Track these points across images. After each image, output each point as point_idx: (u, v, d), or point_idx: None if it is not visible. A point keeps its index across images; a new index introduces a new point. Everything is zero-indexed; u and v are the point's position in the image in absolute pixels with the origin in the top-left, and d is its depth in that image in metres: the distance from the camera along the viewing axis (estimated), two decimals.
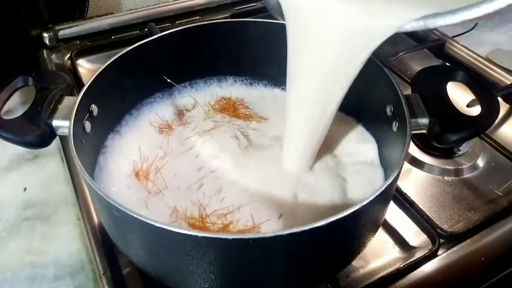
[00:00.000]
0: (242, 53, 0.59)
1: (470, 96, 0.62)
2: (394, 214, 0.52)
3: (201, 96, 0.60)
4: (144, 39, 0.53)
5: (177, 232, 0.33)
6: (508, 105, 0.69)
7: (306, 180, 0.49)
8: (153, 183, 0.48)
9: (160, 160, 0.51)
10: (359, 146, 0.53)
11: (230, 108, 0.58)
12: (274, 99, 0.60)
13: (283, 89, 0.61)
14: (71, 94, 0.48)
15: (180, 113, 0.58)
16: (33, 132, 0.44)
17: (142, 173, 0.49)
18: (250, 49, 0.59)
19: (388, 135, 0.50)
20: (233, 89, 0.61)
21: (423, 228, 0.50)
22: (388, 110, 0.49)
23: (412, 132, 0.43)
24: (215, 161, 0.51)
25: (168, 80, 0.58)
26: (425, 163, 0.59)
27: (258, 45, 0.58)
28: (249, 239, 0.33)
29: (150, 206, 0.46)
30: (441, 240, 0.49)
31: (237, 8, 0.89)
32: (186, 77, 0.60)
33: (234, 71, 0.61)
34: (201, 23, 0.58)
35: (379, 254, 0.49)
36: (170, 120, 0.56)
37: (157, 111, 0.57)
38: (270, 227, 0.44)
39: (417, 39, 0.83)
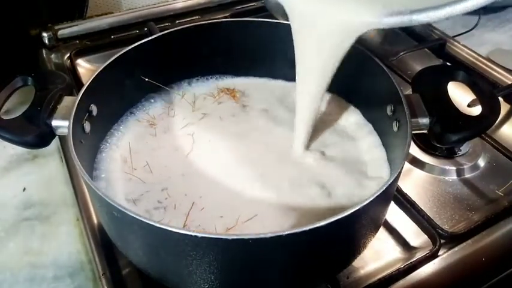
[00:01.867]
0: (242, 52, 0.59)
1: (471, 96, 0.61)
2: (394, 214, 0.52)
3: (201, 94, 0.60)
4: (144, 38, 0.53)
5: (176, 232, 0.33)
6: (509, 105, 0.69)
7: (306, 173, 0.49)
8: (150, 180, 0.48)
9: (160, 158, 0.51)
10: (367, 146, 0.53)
11: (233, 97, 0.59)
12: (275, 91, 0.61)
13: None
14: (70, 94, 0.48)
15: (178, 111, 0.57)
16: (32, 132, 0.43)
17: (140, 171, 0.49)
18: (250, 48, 0.59)
19: (388, 135, 0.50)
20: (233, 85, 0.61)
21: (424, 229, 0.50)
22: (389, 109, 0.49)
23: (413, 132, 0.43)
24: (210, 155, 0.51)
25: (165, 87, 0.58)
26: (426, 163, 0.59)
27: (257, 45, 0.58)
28: (249, 239, 0.33)
29: (147, 203, 0.46)
30: (442, 241, 0.49)
31: (236, 8, 0.89)
32: (185, 76, 0.60)
33: (234, 70, 0.61)
34: (201, 23, 0.58)
35: (379, 254, 0.49)
36: (170, 118, 0.56)
37: (157, 110, 0.57)
38: (263, 222, 0.44)
39: (418, 39, 0.83)
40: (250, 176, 0.49)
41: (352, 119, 0.56)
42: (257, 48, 0.59)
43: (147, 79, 0.56)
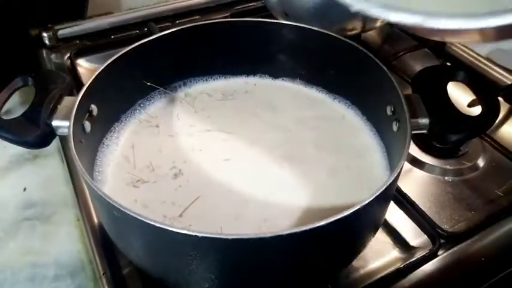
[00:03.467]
0: (242, 52, 0.59)
1: (470, 96, 0.62)
2: (394, 214, 0.52)
3: (202, 94, 0.60)
4: (144, 38, 0.53)
5: (177, 232, 0.33)
6: (509, 105, 0.69)
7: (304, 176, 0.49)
8: (153, 179, 0.48)
9: (162, 157, 0.51)
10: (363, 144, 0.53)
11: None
12: (277, 90, 0.61)
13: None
14: (71, 94, 0.48)
15: (179, 110, 0.57)
16: (32, 132, 0.43)
17: (142, 170, 0.49)
18: (250, 48, 0.59)
19: (388, 135, 0.50)
20: (234, 85, 0.61)
21: (423, 229, 0.50)
22: (389, 110, 0.49)
23: (413, 132, 0.43)
24: (213, 154, 0.51)
25: (165, 87, 0.58)
26: (425, 163, 0.59)
27: (258, 45, 0.58)
28: (249, 239, 0.33)
29: (149, 202, 0.46)
30: (441, 241, 0.49)
31: (236, 8, 0.89)
32: (186, 76, 0.60)
33: (234, 69, 0.61)
34: (201, 23, 0.58)
35: (379, 254, 0.49)
36: (170, 118, 0.56)
37: (158, 110, 0.57)
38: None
39: (418, 39, 0.83)
40: (257, 177, 0.49)
41: (351, 118, 0.56)
42: (258, 48, 0.59)
43: (149, 83, 0.56)
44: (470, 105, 0.64)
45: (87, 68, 0.75)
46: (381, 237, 0.50)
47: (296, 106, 0.58)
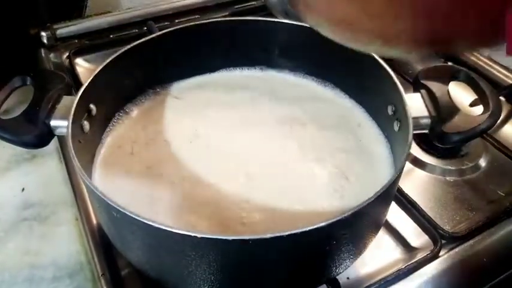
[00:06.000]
0: (242, 51, 0.59)
1: (472, 96, 0.61)
2: (395, 215, 0.52)
3: (200, 91, 0.59)
4: (143, 38, 0.53)
5: (176, 233, 0.33)
6: (510, 105, 0.69)
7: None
8: (153, 178, 0.48)
9: (163, 155, 0.50)
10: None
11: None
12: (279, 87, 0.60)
13: None
14: (69, 94, 0.47)
15: (178, 108, 0.57)
16: (31, 132, 0.43)
17: (142, 169, 0.49)
18: (249, 47, 0.59)
19: (389, 135, 0.50)
20: (232, 82, 0.61)
21: (425, 229, 0.50)
22: (390, 109, 0.49)
23: (414, 132, 0.42)
24: (212, 152, 0.51)
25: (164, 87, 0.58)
26: (427, 163, 0.58)
27: (257, 44, 0.58)
28: (249, 239, 0.33)
29: (148, 201, 0.46)
30: (443, 241, 0.49)
31: (236, 7, 0.89)
32: (185, 75, 0.60)
33: (233, 68, 0.61)
34: (200, 22, 0.57)
35: (380, 255, 0.49)
36: (169, 116, 0.56)
37: (157, 108, 0.57)
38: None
39: None
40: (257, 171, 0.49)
41: (356, 117, 0.56)
42: (258, 47, 0.59)
43: (148, 82, 0.56)
44: (472, 105, 0.63)
45: (85, 67, 0.75)
46: (382, 238, 0.50)
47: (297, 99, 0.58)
